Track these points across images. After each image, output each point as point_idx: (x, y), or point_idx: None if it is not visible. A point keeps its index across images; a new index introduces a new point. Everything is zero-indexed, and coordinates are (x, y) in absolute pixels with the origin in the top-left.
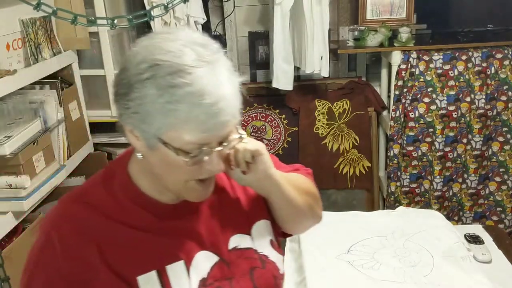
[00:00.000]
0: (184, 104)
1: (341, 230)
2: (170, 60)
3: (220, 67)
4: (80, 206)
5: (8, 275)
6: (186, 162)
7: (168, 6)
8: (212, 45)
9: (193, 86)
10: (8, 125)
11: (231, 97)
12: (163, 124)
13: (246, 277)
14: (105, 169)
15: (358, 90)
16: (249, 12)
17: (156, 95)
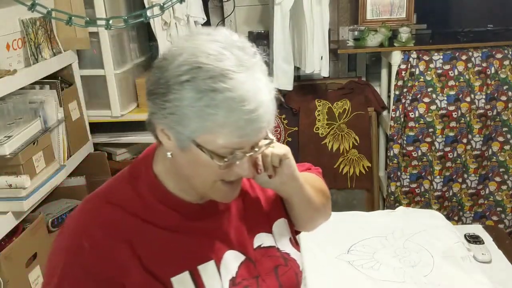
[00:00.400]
0: (223, 109)
1: (341, 230)
2: (211, 64)
3: (258, 72)
4: (110, 207)
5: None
6: (219, 166)
7: (164, 6)
8: (249, 48)
9: (233, 91)
10: (8, 125)
11: (269, 103)
12: (199, 127)
13: (271, 275)
14: (129, 168)
15: (358, 90)
16: (249, 12)
17: (195, 98)
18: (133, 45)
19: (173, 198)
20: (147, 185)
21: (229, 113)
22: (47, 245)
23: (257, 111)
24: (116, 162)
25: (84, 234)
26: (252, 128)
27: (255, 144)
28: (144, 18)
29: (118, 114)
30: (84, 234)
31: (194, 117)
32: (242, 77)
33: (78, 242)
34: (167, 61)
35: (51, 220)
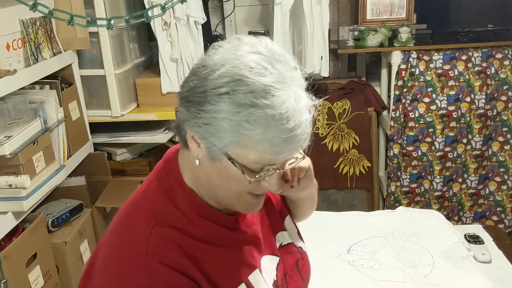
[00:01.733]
0: (261, 126)
1: (341, 230)
2: (253, 78)
3: (298, 89)
4: (166, 230)
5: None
6: (249, 181)
7: (165, 7)
8: (291, 61)
9: (274, 109)
10: (8, 125)
11: (307, 123)
12: (234, 141)
13: (294, 271)
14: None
15: (358, 90)
16: (249, 12)
17: (233, 112)
18: (133, 45)
19: (211, 211)
20: (185, 200)
21: (267, 130)
22: (47, 245)
23: (295, 131)
24: (116, 162)
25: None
26: (287, 147)
27: (286, 161)
28: (145, 18)
29: (118, 114)
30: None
31: (230, 131)
32: (284, 95)
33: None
34: (207, 70)
35: (51, 220)
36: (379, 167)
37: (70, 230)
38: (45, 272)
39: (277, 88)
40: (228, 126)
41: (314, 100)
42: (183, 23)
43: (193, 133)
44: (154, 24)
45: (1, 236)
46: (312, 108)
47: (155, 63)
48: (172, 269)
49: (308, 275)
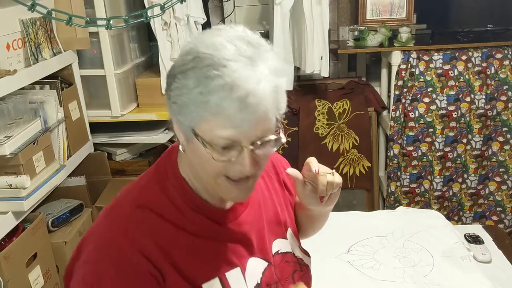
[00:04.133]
0: (215, 96)
1: (341, 230)
2: (210, 53)
3: (260, 64)
4: (146, 212)
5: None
6: (214, 157)
7: (164, 6)
8: (260, 43)
9: (224, 78)
10: (8, 125)
11: (264, 95)
12: (196, 115)
13: (289, 281)
14: (155, 170)
15: (358, 90)
16: (249, 12)
17: (191, 86)
18: (133, 45)
19: (200, 202)
20: (176, 188)
21: (220, 100)
22: (47, 245)
23: (246, 100)
24: (116, 162)
25: (123, 234)
26: (242, 118)
27: (256, 138)
28: (144, 18)
29: (118, 114)
30: (123, 234)
31: (191, 105)
32: (236, 66)
33: (116, 243)
34: (178, 54)
35: (51, 220)
36: (379, 167)
37: (70, 230)
38: (45, 272)
39: (231, 60)
40: (188, 101)
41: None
42: (183, 23)
43: (171, 117)
44: (154, 24)
45: (1, 236)
46: (278, 84)
47: (155, 63)
48: (142, 254)
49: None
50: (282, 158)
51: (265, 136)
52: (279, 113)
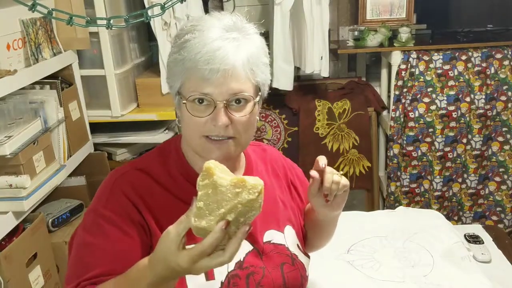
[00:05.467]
0: (190, 53)
1: (341, 230)
2: (193, 24)
3: (235, 31)
4: (138, 173)
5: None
6: (192, 113)
7: (165, 6)
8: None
9: (199, 38)
10: (8, 125)
11: (234, 52)
12: (177, 75)
13: (277, 270)
14: (159, 147)
15: (358, 90)
16: (249, 12)
17: (175, 51)
18: (133, 45)
19: (195, 173)
20: (175, 162)
21: (194, 55)
22: (47, 245)
23: (216, 53)
24: (116, 162)
25: (115, 182)
26: (212, 69)
27: (228, 96)
28: (145, 18)
29: (118, 114)
30: (115, 182)
31: (173, 66)
32: (212, 30)
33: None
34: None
35: (51, 220)
36: (379, 167)
37: (70, 230)
38: (46, 272)
39: (209, 27)
40: (172, 63)
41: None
42: (183, 23)
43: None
44: (154, 24)
45: (2, 236)
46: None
47: (155, 63)
48: (130, 201)
49: (295, 283)
50: (297, 167)
51: (237, 93)
52: (256, 79)
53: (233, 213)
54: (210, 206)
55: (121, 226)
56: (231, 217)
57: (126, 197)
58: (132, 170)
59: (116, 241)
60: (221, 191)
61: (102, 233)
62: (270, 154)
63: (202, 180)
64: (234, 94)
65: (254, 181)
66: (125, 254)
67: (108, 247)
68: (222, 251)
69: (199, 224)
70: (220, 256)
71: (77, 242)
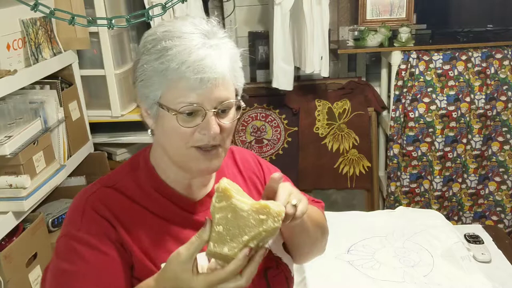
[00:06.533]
0: (174, 62)
1: (341, 230)
2: (167, 30)
3: (214, 37)
4: (114, 191)
5: (7, 275)
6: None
7: (166, 6)
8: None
9: (181, 46)
10: (8, 125)
11: (221, 59)
12: (159, 85)
13: (260, 276)
14: (129, 160)
15: (358, 90)
16: (249, 12)
17: (154, 58)
18: (133, 45)
19: (169, 189)
20: (146, 175)
21: (179, 65)
22: (47, 245)
23: (202, 61)
24: (116, 162)
25: (86, 203)
26: (202, 78)
27: (217, 103)
28: (146, 18)
29: (118, 114)
30: (86, 203)
31: (154, 76)
32: (193, 36)
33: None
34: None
35: (51, 220)
36: (379, 167)
37: None
38: None
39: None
40: (151, 72)
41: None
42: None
43: (140, 103)
44: (154, 24)
45: (2, 236)
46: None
47: None
48: (104, 219)
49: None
50: (272, 166)
51: (225, 101)
52: (237, 84)
53: (256, 239)
54: (231, 231)
55: (99, 247)
56: (253, 243)
57: (100, 215)
58: (102, 188)
59: (97, 265)
60: (242, 216)
61: (80, 258)
62: (240, 154)
63: (219, 202)
64: (222, 101)
65: (277, 207)
66: (109, 277)
67: (90, 272)
68: (239, 275)
69: (219, 250)
70: (238, 280)
71: (53, 273)
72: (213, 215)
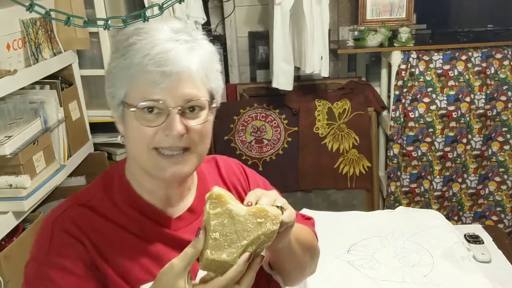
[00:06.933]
0: (137, 56)
1: (341, 230)
2: (138, 27)
3: (185, 34)
4: (85, 209)
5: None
6: (142, 122)
7: (163, 6)
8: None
9: (145, 40)
10: (8, 125)
11: (187, 54)
12: (122, 82)
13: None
14: (103, 175)
15: (358, 90)
16: (249, 12)
17: (119, 56)
18: None
19: (146, 206)
20: (120, 191)
21: (142, 58)
22: None
23: (166, 54)
24: (116, 162)
25: (55, 223)
26: (164, 72)
27: (183, 102)
28: (143, 19)
29: None
30: (55, 223)
31: (117, 72)
32: (160, 30)
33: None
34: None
35: None
36: (379, 167)
37: None
38: None
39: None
40: (115, 69)
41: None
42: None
43: (110, 107)
44: None
45: (2, 236)
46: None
47: None
48: (76, 240)
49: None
50: (258, 176)
51: (192, 99)
52: (210, 85)
53: (255, 244)
54: (229, 237)
55: (73, 271)
56: (252, 248)
57: (71, 235)
58: (73, 206)
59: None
60: (239, 221)
61: (52, 283)
62: (223, 162)
63: (214, 209)
64: (189, 100)
65: (274, 210)
66: None
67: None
68: (237, 285)
69: (218, 257)
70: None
71: None
72: (208, 223)
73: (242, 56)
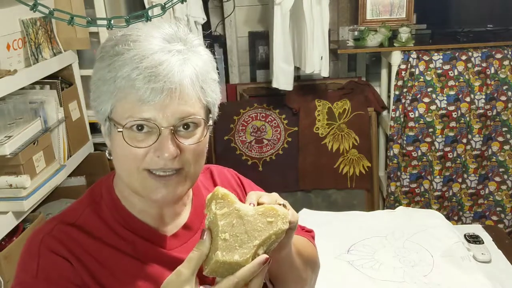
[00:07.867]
0: (124, 69)
1: (341, 230)
2: (125, 33)
3: (178, 43)
4: (73, 229)
5: (7, 275)
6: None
7: (165, 6)
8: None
9: (133, 51)
10: (8, 125)
11: (179, 67)
12: (108, 96)
13: None
14: (90, 191)
15: (358, 90)
16: (249, 12)
17: (104, 66)
18: None
19: (138, 223)
20: (109, 208)
21: (129, 72)
22: None
23: (158, 69)
24: None
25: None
26: (154, 88)
27: (175, 120)
28: (146, 18)
29: None
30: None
31: (102, 85)
32: (150, 40)
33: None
34: None
35: None
36: (379, 167)
37: None
38: None
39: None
40: (100, 82)
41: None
42: (183, 23)
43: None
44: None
45: (2, 236)
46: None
47: None
48: (65, 260)
49: None
50: (254, 185)
51: (186, 117)
52: (205, 98)
53: (266, 244)
54: (239, 237)
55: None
56: (263, 249)
57: (59, 256)
58: (59, 225)
59: None
60: (248, 221)
61: None
62: (219, 175)
63: (220, 209)
64: (182, 118)
65: (282, 209)
66: None
67: None
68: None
69: (229, 259)
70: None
71: None
72: (215, 224)
73: (242, 56)
